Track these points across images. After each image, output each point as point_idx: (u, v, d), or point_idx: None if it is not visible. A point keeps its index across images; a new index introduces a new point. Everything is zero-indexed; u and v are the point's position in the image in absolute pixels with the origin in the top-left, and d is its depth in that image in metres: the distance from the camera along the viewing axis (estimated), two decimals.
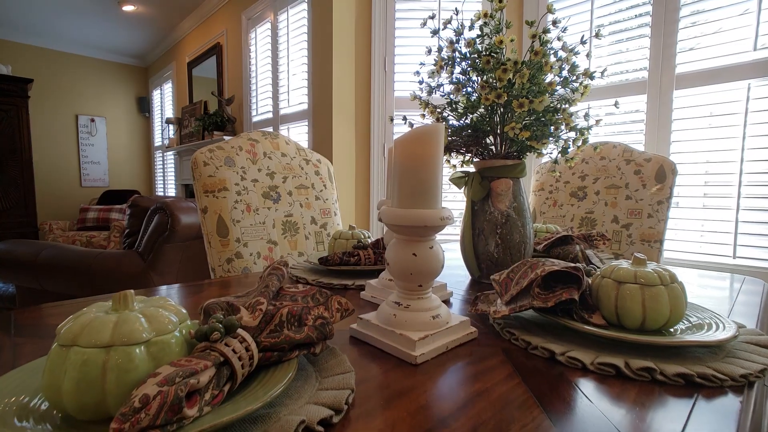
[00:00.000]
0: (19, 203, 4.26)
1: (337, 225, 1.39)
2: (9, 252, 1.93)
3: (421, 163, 0.49)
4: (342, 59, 2.31)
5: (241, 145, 1.21)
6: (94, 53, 5.05)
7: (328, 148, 2.31)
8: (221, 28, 3.58)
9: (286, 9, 2.73)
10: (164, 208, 1.71)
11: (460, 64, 0.81)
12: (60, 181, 4.93)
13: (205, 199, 1.10)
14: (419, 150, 0.49)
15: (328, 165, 1.44)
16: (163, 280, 1.81)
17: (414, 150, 0.49)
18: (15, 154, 4.19)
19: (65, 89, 4.91)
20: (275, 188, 1.24)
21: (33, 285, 1.92)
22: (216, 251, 1.09)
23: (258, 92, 3.13)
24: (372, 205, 2.32)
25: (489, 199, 0.83)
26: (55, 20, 4.15)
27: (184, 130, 4.15)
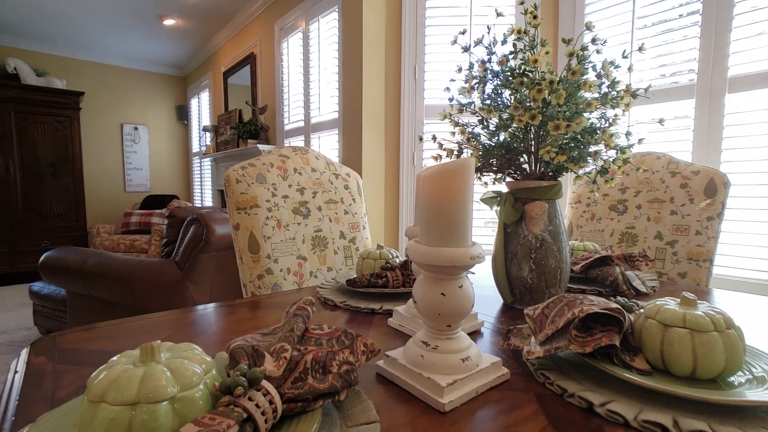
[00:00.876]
0: (71, 208, 4.54)
1: (366, 239, 1.39)
2: (59, 259, 2.05)
3: (450, 200, 0.47)
4: (372, 67, 2.31)
5: (272, 161, 1.23)
6: (137, 65, 5.31)
7: (358, 157, 2.32)
8: (255, 39, 3.67)
9: (317, 19, 2.77)
10: (199, 220, 1.77)
11: (492, 81, 0.79)
12: (106, 186, 5.22)
13: (237, 216, 1.12)
14: (448, 186, 0.47)
15: (357, 179, 1.44)
16: (198, 289, 1.86)
17: (442, 186, 0.47)
18: (68, 163, 4.47)
19: (111, 100, 5.19)
20: (305, 204, 1.25)
21: (81, 290, 2.03)
22: (247, 267, 1.11)
23: (290, 101, 3.18)
24: (401, 214, 2.30)
25: (522, 221, 0.80)
26: (104, 36, 4.40)
27: (220, 137, 4.29)
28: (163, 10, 3.76)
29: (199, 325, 0.73)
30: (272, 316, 0.78)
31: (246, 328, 0.71)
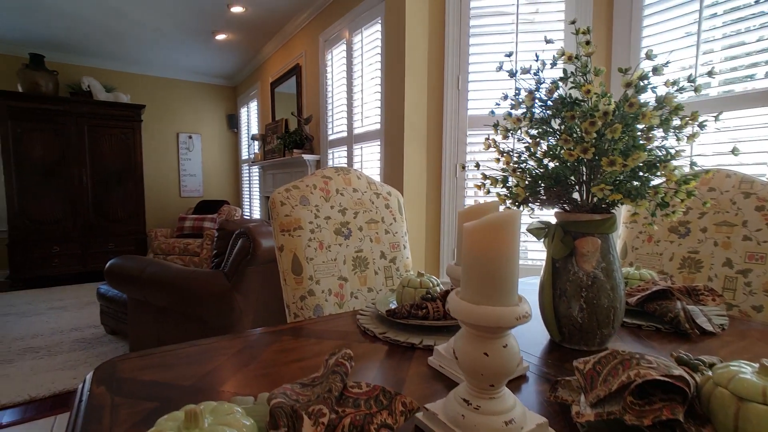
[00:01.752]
0: (133, 213, 4.88)
1: (407, 258, 1.38)
2: (121, 266, 2.21)
3: (495, 256, 0.45)
4: (414, 78, 2.30)
5: (315, 183, 1.25)
6: (191, 77, 5.63)
7: (399, 168, 2.31)
8: (300, 50, 3.77)
9: (360, 30, 2.80)
10: (247, 234, 1.83)
11: (540, 109, 0.75)
12: (163, 192, 5.57)
13: (281, 238, 1.15)
14: (492, 241, 0.45)
15: (398, 197, 1.43)
16: (245, 300, 1.94)
17: (486, 241, 0.45)
18: (131, 171, 4.82)
19: (169, 110, 5.53)
20: (346, 224, 1.26)
21: (139, 296, 2.18)
22: (291, 288, 1.13)
23: (333, 111, 3.24)
24: (443, 228, 2.27)
25: (573, 257, 0.76)
26: (163, 52, 4.71)
27: (267, 146, 4.45)
28: (215, 26, 3.95)
29: (244, 354, 0.75)
30: (314, 347, 0.78)
31: (288, 360, 0.72)
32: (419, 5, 2.27)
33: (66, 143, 4.43)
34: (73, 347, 2.63)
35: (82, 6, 3.48)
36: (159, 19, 3.75)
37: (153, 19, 3.77)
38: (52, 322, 3.15)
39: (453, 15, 2.20)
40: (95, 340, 2.76)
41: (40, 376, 2.22)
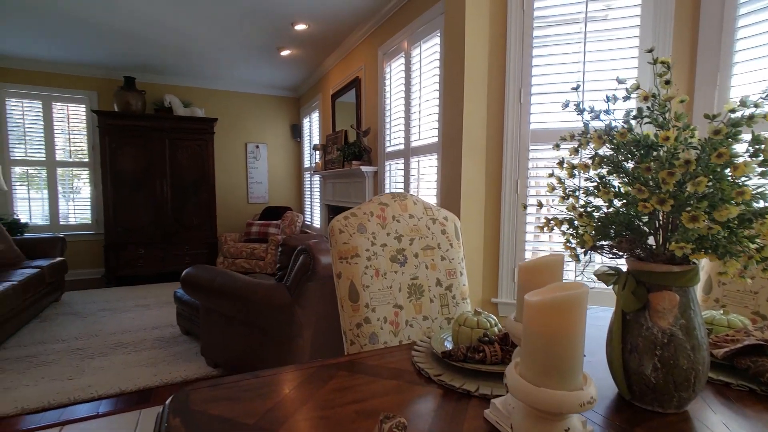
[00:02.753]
0: (206, 220, 5.28)
1: (463, 285, 1.35)
2: (194, 276, 2.39)
3: (559, 337, 0.43)
4: (474, 91, 2.25)
5: (372, 210, 1.27)
6: (258, 90, 5.97)
7: (456, 183, 2.28)
8: (360, 63, 3.85)
9: (419, 44, 2.80)
10: (307, 251, 1.91)
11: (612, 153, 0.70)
12: (232, 199, 5.96)
13: (339, 265, 1.18)
14: (557, 322, 0.43)
15: (455, 222, 1.41)
16: (305, 313, 2.01)
17: (551, 320, 0.43)
18: (204, 180, 5.22)
19: (238, 122, 5.91)
20: (402, 251, 1.27)
21: (208, 305, 2.34)
22: (347, 315, 1.16)
23: (391, 124, 3.27)
24: (502, 249, 2.19)
25: (646, 310, 0.70)
26: (233, 68, 5.05)
27: (327, 155, 4.60)
28: (280, 43, 4.16)
29: (303, 390, 0.78)
30: (370, 387, 0.80)
31: (345, 401, 0.74)
32: (480, 17, 2.22)
33: (151, 156, 4.91)
34: (154, 345, 2.89)
35: (165, 33, 3.83)
36: (230, 39, 4.03)
37: (225, 40, 4.05)
38: (137, 319, 3.50)
39: (515, 25, 2.13)
40: (172, 339, 3.01)
41: (128, 371, 2.47)
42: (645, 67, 1.82)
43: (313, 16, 3.44)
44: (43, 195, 4.98)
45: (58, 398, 2.14)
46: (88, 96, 5.05)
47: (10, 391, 2.23)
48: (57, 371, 2.47)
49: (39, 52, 4.39)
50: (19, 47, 4.25)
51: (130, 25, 3.67)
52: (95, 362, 2.60)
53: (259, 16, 3.46)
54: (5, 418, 1.99)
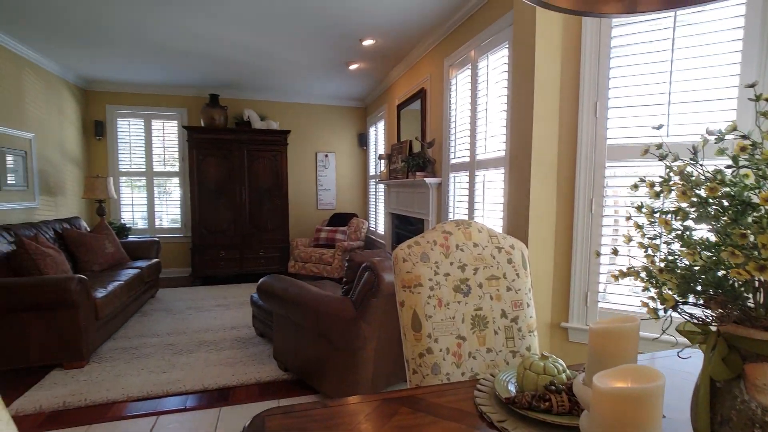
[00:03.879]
0: (279, 225, 5.62)
1: (530, 318, 1.31)
2: (269, 285, 2.56)
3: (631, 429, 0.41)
4: (544, 105, 2.16)
5: (436, 239, 1.28)
6: (328, 101, 6.23)
7: (524, 200, 2.20)
8: (426, 74, 3.86)
9: (486, 55, 2.74)
10: (372, 269, 1.96)
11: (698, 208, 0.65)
12: (303, 205, 6.28)
13: (402, 294, 1.21)
14: (629, 413, 0.41)
15: (522, 250, 1.37)
16: (369, 327, 2.07)
17: (622, 410, 0.42)
18: (278, 188, 5.56)
19: (308, 132, 6.21)
20: (466, 281, 1.26)
21: (281, 312, 2.50)
22: (410, 344, 1.18)
23: (456, 136, 3.24)
24: (573, 275, 2.08)
25: (741, 380, 0.63)
26: (304, 82, 5.32)
27: (392, 165, 4.67)
28: (349, 58, 4.31)
29: (368, 425, 0.81)
30: (430, 428, 0.81)
31: None
32: (551, 27, 2.12)
33: (231, 166, 5.34)
34: (232, 345, 3.15)
35: (247, 55, 4.15)
36: (303, 57, 4.26)
37: (299, 58, 4.29)
38: (218, 318, 3.82)
39: (590, 34, 2.00)
40: (248, 340, 3.25)
41: (210, 369, 2.72)
42: (746, 94, 1.62)
43: (380, 31, 3.52)
44: (143, 202, 5.64)
45: (155, 390, 2.41)
46: (180, 113, 5.63)
47: (120, 379, 2.56)
48: (153, 364, 2.79)
49: (142, 77, 4.98)
50: (126, 74, 4.86)
51: (217, 50, 4.03)
52: (183, 358, 2.89)
53: (330, 35, 3.62)
54: (116, 403, 2.30)
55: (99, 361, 2.83)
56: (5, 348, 2.59)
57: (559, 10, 0.81)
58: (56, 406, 2.25)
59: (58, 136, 4.66)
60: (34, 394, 2.38)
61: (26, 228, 3.40)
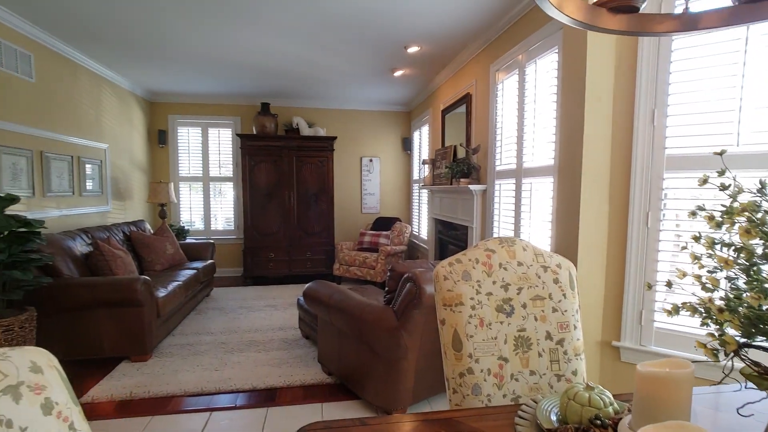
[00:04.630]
0: (325, 228, 5.77)
1: (577, 340, 1.26)
2: (315, 290, 2.65)
3: None
4: (596, 113, 2.07)
5: (478, 257, 1.26)
6: (372, 107, 6.31)
7: (574, 212, 2.12)
8: (471, 79, 3.81)
9: (534, 61, 2.66)
10: (413, 280, 1.97)
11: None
12: (348, 209, 6.40)
13: (443, 312, 1.21)
14: None
15: (570, 269, 1.33)
16: (411, 337, 2.08)
17: None
18: (324, 193, 5.71)
19: (354, 137, 6.33)
20: (509, 301, 1.24)
21: (325, 317, 2.57)
22: (450, 363, 1.18)
23: (502, 142, 3.17)
24: (627, 293, 1.97)
25: None
26: (350, 90, 5.43)
27: (436, 170, 4.65)
28: (393, 65, 4.35)
29: None
30: None
31: None
32: None
33: (280, 171, 5.56)
34: (279, 346, 3.28)
35: (296, 65, 4.31)
36: (350, 66, 4.35)
37: (345, 67, 4.39)
38: (267, 318, 3.99)
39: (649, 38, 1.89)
40: (294, 342, 3.37)
41: (258, 368, 2.85)
42: None
43: (425, 38, 3.53)
44: (200, 205, 6.01)
45: (208, 386, 2.57)
46: (234, 121, 5.94)
47: (177, 374, 2.75)
48: (207, 361, 2.97)
49: (199, 88, 5.31)
50: (185, 86, 5.21)
51: (267, 61, 4.22)
52: (234, 357, 3.05)
53: (375, 43, 3.67)
54: (174, 397, 2.48)
55: (160, 356, 3.06)
56: (85, 339, 2.87)
57: (609, 32, 0.78)
58: (124, 396, 2.47)
59: (128, 145, 5.08)
60: (106, 383, 2.62)
61: (101, 230, 3.74)
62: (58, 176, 3.63)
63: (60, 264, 2.93)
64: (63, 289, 2.79)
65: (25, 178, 3.21)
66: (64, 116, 3.76)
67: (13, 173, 3.08)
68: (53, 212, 3.54)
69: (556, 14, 0.74)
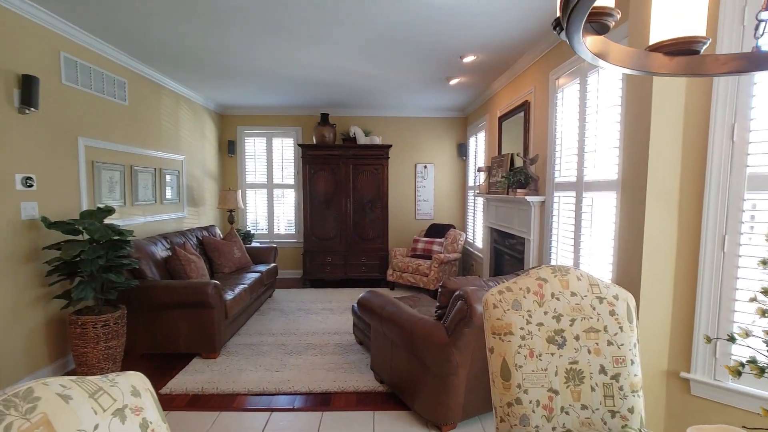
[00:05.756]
0: (379, 234, 5.88)
1: (635, 376, 1.21)
2: (368, 300, 2.74)
3: None
4: (664, 127, 1.94)
5: (529, 286, 1.26)
6: (427, 114, 6.32)
7: (638, 232, 2.00)
8: (529, 87, 3.71)
9: (597, 69, 2.55)
10: (464, 298, 1.98)
11: None
12: (401, 216, 6.47)
13: (492, 340, 1.22)
14: None
15: (628, 300, 1.27)
16: (461, 355, 2.09)
17: None
18: (379, 199, 5.83)
19: (408, 144, 6.39)
20: (561, 332, 1.22)
21: (378, 327, 2.65)
22: (498, 392, 1.19)
23: (562, 153, 3.06)
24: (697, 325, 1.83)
25: None
26: (405, 98, 5.49)
27: (492, 178, 4.56)
28: (449, 74, 4.34)
29: None
30: None
31: None
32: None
33: (338, 179, 5.76)
34: (334, 350, 3.41)
35: (355, 79, 4.46)
36: (403, 76, 4.41)
37: (399, 77, 4.46)
38: (323, 322, 4.17)
39: (728, 42, 1.74)
40: (348, 347, 3.49)
41: (314, 372, 3.00)
42: None
43: (482, 47, 3.49)
44: (264, 211, 6.39)
45: (269, 387, 2.75)
46: (296, 131, 6.25)
47: (242, 373, 2.98)
48: (268, 362, 3.18)
49: (264, 101, 5.66)
50: (252, 99, 5.58)
51: (328, 76, 4.41)
52: (292, 359, 3.23)
53: (431, 55, 3.70)
54: (239, 395, 2.68)
55: (227, 354, 3.32)
56: (164, 336, 3.20)
57: (664, 75, 0.76)
58: (196, 390, 2.72)
59: (201, 155, 5.55)
60: (182, 377, 2.90)
61: (178, 236, 4.14)
62: (144, 187, 4.06)
63: (144, 267, 3.29)
64: (147, 291, 3.13)
65: (118, 190, 3.64)
66: (150, 133, 4.21)
67: (110, 186, 3.51)
68: (139, 219, 3.98)
69: (602, 63, 0.73)
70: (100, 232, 2.67)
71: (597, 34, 0.67)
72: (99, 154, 3.40)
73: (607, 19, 0.63)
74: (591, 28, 0.66)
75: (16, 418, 0.47)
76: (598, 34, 0.67)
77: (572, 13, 0.57)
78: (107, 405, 0.57)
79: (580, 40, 0.61)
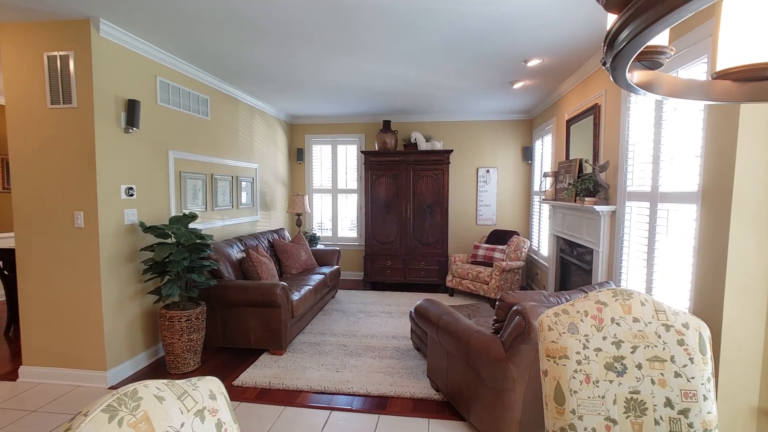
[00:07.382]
0: (439, 239, 5.87)
1: (708, 413, 1.12)
2: (425, 309, 2.77)
3: None
4: (751, 136, 1.76)
5: (587, 309, 1.22)
6: (490, 117, 6.19)
7: (721, 248, 1.83)
8: (600, 90, 3.51)
9: (676, 70, 2.35)
10: (522, 314, 1.94)
11: None
12: (462, 220, 6.39)
13: (546, 363, 1.21)
14: None
15: (701, 329, 1.19)
16: (518, 371, 2.05)
17: None
18: (439, 204, 5.83)
19: (470, 149, 6.29)
20: (621, 359, 1.17)
21: (434, 336, 2.67)
22: (551, 416, 1.17)
23: (635, 161, 2.86)
24: None
25: None
26: (467, 102, 5.43)
27: (559, 183, 4.36)
28: (513, 78, 4.23)
29: None
30: None
31: None
32: None
33: (398, 184, 5.85)
34: (392, 354, 3.49)
35: (417, 87, 4.51)
36: (465, 82, 4.38)
37: (461, 83, 4.43)
38: (382, 325, 4.27)
39: None
40: (405, 352, 3.55)
41: (372, 375, 3.10)
42: None
43: (547, 51, 3.37)
44: (329, 215, 6.67)
45: (330, 386, 2.89)
46: (359, 138, 6.45)
47: (305, 371, 3.16)
48: (329, 361, 3.34)
49: (329, 110, 5.92)
50: (318, 109, 5.86)
51: (391, 85, 4.51)
52: (352, 360, 3.36)
53: (494, 61, 3.65)
54: (302, 392, 2.86)
55: (293, 352, 3.54)
56: (237, 332, 3.49)
57: (728, 102, 0.72)
58: (264, 385, 2.94)
59: (272, 163, 5.94)
60: (252, 371, 3.15)
61: (251, 239, 4.48)
62: (222, 193, 4.46)
63: (222, 268, 3.61)
64: (224, 290, 3.44)
65: (200, 197, 4.04)
66: (228, 143, 4.61)
67: (194, 193, 3.91)
68: (218, 222, 4.37)
69: (652, 96, 0.71)
70: (185, 236, 3.00)
71: (648, 69, 0.66)
72: (185, 164, 3.80)
73: (659, 57, 0.62)
74: (641, 65, 0.65)
75: (126, 414, 0.59)
76: (649, 70, 0.66)
77: (616, 58, 0.57)
78: (191, 406, 0.68)
79: (628, 82, 0.61)
